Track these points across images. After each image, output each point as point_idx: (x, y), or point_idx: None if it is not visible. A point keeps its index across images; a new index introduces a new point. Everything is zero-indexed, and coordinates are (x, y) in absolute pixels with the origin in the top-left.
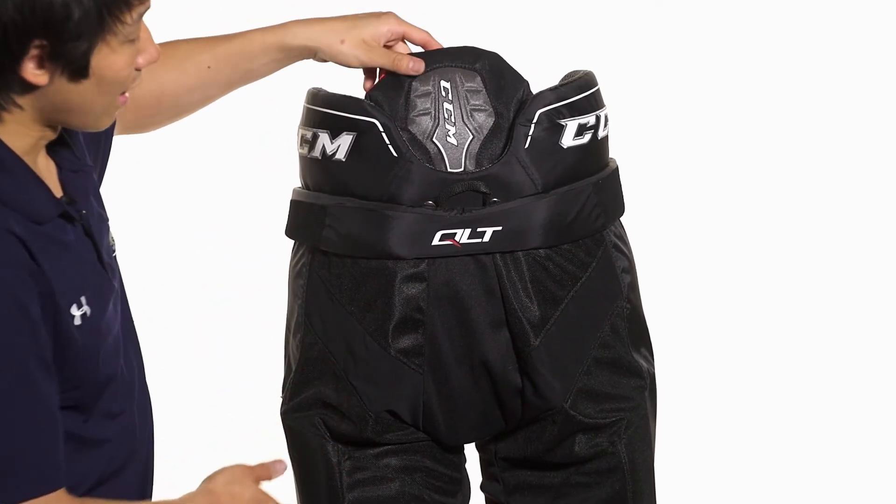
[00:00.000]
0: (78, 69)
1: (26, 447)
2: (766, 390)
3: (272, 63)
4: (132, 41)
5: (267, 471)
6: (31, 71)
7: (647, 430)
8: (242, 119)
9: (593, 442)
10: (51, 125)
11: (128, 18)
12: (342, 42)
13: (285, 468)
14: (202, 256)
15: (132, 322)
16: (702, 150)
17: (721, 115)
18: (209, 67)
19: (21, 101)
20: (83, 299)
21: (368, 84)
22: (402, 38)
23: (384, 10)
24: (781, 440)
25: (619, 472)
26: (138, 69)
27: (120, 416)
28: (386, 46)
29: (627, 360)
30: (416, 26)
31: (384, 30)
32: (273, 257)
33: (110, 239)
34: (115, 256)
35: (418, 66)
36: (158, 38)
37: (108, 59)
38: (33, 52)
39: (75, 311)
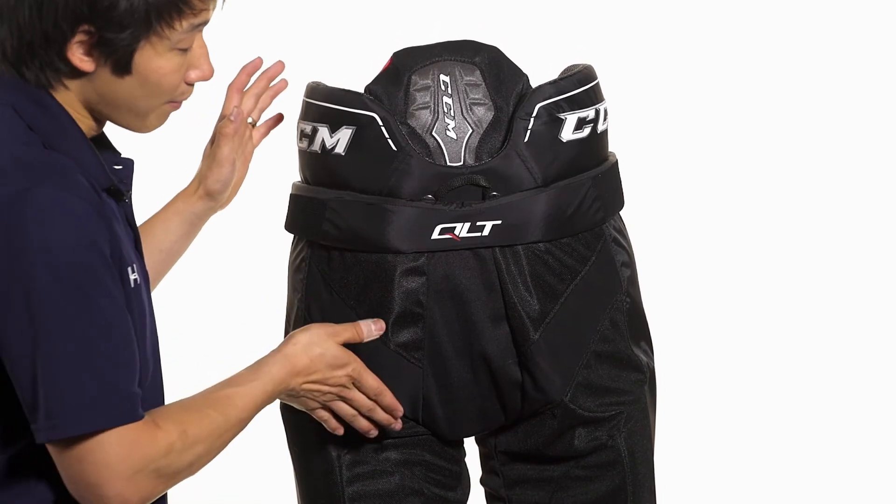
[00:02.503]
0: (120, 61)
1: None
2: (766, 384)
3: (196, 225)
4: (182, 50)
5: (359, 330)
6: (79, 56)
7: (647, 424)
8: None
9: (593, 436)
10: (97, 118)
11: (178, 25)
12: (209, 170)
13: (383, 328)
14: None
15: (158, 348)
16: (701, 144)
17: (721, 110)
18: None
19: (69, 83)
20: (135, 266)
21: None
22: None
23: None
24: (781, 434)
25: (619, 465)
26: (189, 83)
27: None
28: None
29: (627, 354)
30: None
31: (220, 128)
32: (272, 251)
33: None
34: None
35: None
36: None
37: (152, 60)
38: (81, 36)
39: (130, 274)
